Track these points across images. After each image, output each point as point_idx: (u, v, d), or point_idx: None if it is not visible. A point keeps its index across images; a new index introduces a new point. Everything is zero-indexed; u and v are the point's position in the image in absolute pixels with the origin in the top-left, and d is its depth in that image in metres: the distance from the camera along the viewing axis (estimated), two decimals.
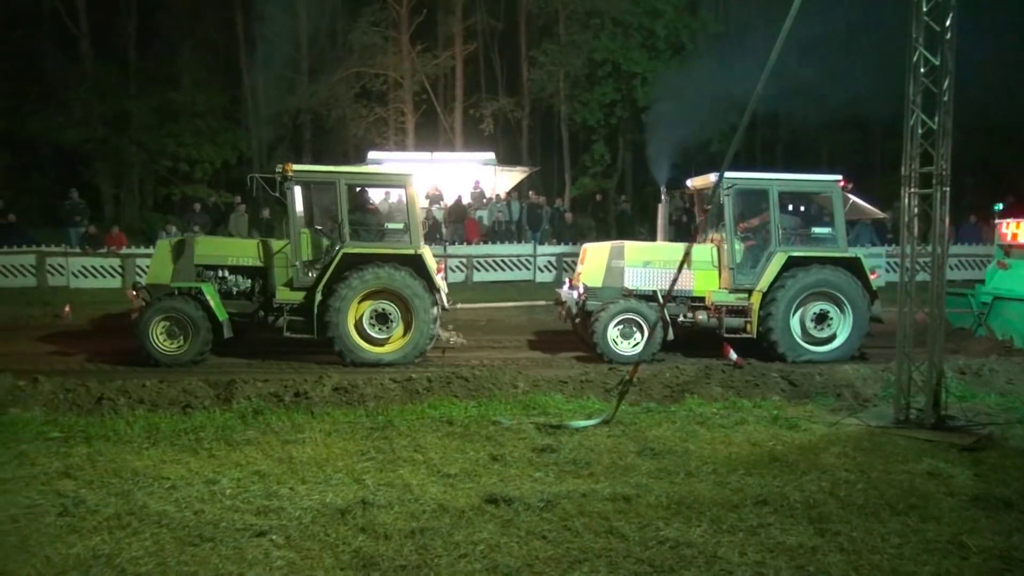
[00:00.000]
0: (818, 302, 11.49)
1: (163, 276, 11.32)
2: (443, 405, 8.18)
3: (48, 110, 25.70)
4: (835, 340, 11.54)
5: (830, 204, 11.89)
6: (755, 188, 11.97)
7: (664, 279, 11.59)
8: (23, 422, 7.40)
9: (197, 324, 10.85)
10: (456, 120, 28.86)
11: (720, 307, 11.67)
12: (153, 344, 10.86)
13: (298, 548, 4.80)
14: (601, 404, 8.37)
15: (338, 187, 11.20)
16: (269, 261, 11.42)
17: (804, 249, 11.65)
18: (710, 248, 12.06)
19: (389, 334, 11.15)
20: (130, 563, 4.56)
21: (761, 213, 12.04)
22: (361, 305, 11.09)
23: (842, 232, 11.79)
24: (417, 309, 11.03)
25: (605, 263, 11.92)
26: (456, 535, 4.99)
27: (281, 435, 7.13)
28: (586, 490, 5.80)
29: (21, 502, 5.46)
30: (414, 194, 11.49)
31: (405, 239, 11.38)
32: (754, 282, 11.56)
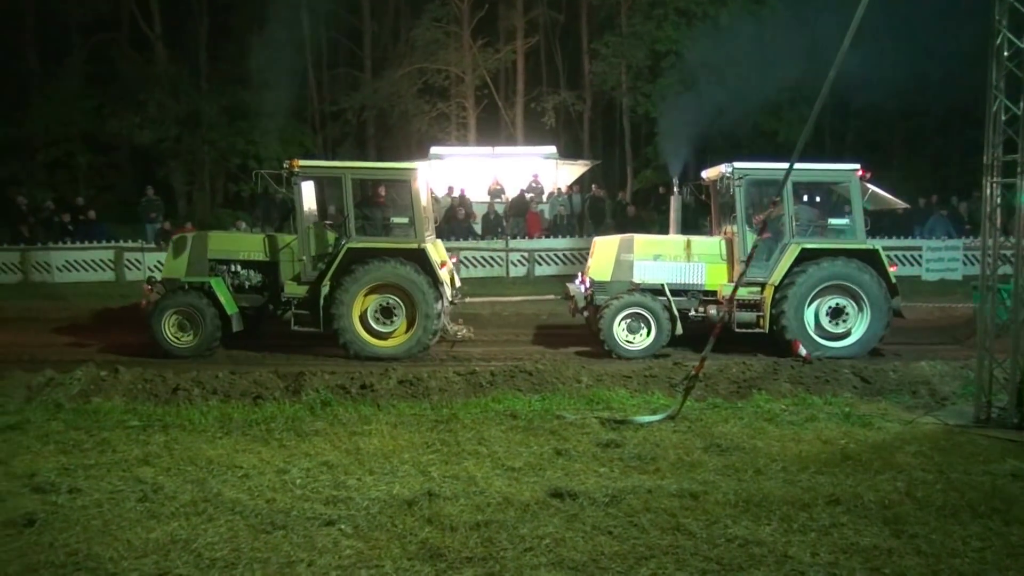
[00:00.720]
0: (834, 296, 11.03)
1: (178, 271, 11.57)
2: (507, 399, 8.21)
3: (126, 111, 26.64)
4: (851, 335, 11.03)
5: (848, 194, 11.37)
6: (769, 179, 11.49)
7: (674, 273, 11.42)
8: (105, 410, 7.71)
9: (206, 318, 11.05)
10: (517, 114, 28.85)
11: (724, 302, 11.26)
12: (164, 336, 11.09)
13: (366, 538, 4.88)
14: (666, 399, 8.27)
15: (344, 182, 11.29)
16: (278, 256, 11.53)
17: (819, 241, 11.21)
18: (718, 241, 11.77)
19: (393, 328, 11.18)
20: (206, 548, 4.70)
21: (777, 204, 11.55)
22: (367, 299, 11.14)
23: (860, 223, 11.21)
24: (420, 303, 11.00)
25: (614, 256, 11.67)
26: (521, 528, 5.00)
27: (348, 426, 7.26)
28: (652, 486, 5.74)
29: (104, 487, 5.69)
30: (418, 189, 11.36)
31: (411, 233, 11.35)
32: (767, 275, 11.17)
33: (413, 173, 11.38)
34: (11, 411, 7.66)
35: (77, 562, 4.51)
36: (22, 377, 8.61)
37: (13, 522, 5.02)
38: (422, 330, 11.03)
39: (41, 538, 4.82)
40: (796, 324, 10.87)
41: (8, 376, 8.66)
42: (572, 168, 25.03)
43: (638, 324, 11.17)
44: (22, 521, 5.03)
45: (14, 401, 7.98)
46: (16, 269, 18.89)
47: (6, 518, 5.09)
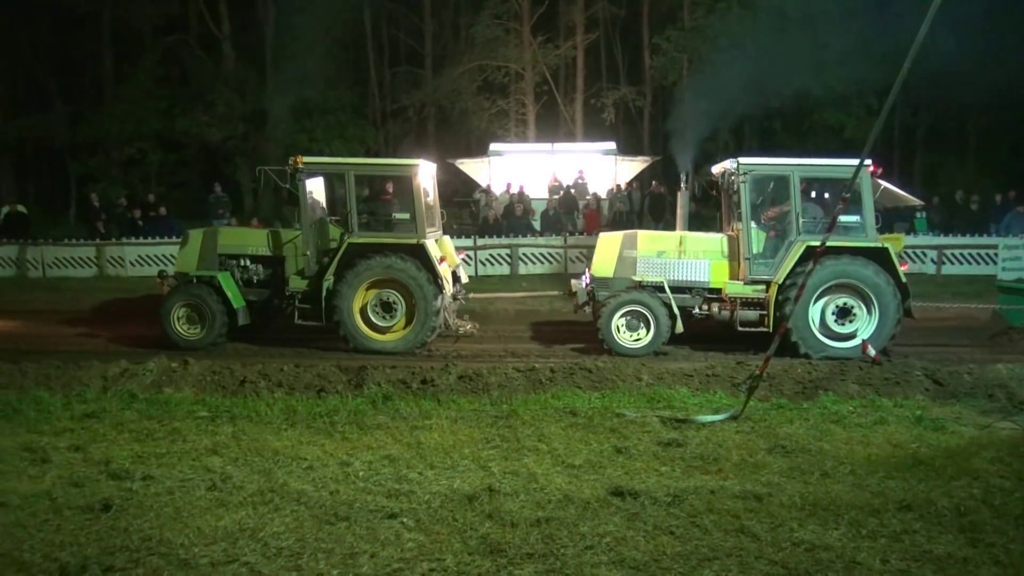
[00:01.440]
0: (841, 295, 10.70)
1: (190, 265, 11.86)
2: (566, 396, 8.18)
3: (195, 110, 27.44)
4: (863, 334, 10.62)
5: (858, 190, 10.74)
6: (774, 174, 11.25)
7: (678, 270, 11.25)
8: (175, 401, 7.95)
9: (213, 311, 11.34)
10: (577, 110, 28.77)
11: (735, 299, 11.07)
12: (173, 328, 11.43)
13: (427, 531, 4.92)
14: (729, 399, 8.13)
15: (347, 178, 11.38)
16: (284, 251, 11.76)
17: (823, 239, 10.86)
18: (720, 238, 11.54)
19: (392, 322, 11.28)
20: (272, 538, 4.80)
21: (785, 201, 11.18)
22: (367, 293, 11.25)
23: (871, 220, 10.79)
24: (419, 299, 11.07)
25: (617, 253, 11.49)
26: (582, 526, 4.98)
27: (409, 421, 7.34)
28: (714, 486, 5.65)
29: (175, 475, 5.87)
30: (419, 184, 11.35)
31: (412, 229, 11.38)
32: (772, 273, 10.87)
33: (414, 169, 11.39)
34: (89, 400, 7.97)
35: (150, 547, 4.65)
36: (99, 368, 8.93)
37: (91, 507, 5.21)
38: (420, 326, 11.13)
39: (117, 523, 4.99)
40: (801, 322, 10.55)
41: (86, 366, 9.00)
42: (632, 164, 24.85)
43: (637, 322, 11.03)
44: (99, 506, 5.21)
45: (91, 390, 8.29)
46: (92, 263, 19.65)
47: (85, 503, 5.29)
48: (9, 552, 4.58)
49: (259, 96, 28.32)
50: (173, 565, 4.44)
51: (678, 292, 11.22)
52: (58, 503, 5.30)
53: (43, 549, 4.62)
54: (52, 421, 7.29)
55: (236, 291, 11.62)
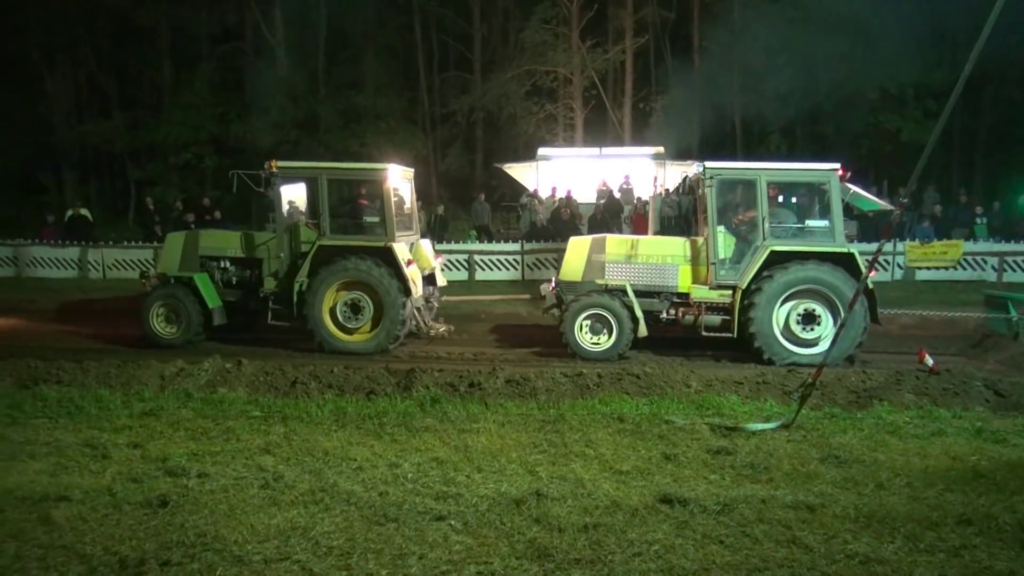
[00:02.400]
0: (807, 300, 10.64)
1: (171, 266, 12.26)
2: (614, 401, 8.14)
3: (249, 116, 28.04)
4: (825, 341, 10.46)
5: (827, 195, 10.78)
6: (741, 179, 11.24)
7: (645, 274, 11.31)
8: (229, 401, 8.13)
9: (189, 311, 11.74)
10: (625, 114, 28.62)
11: (701, 304, 11.07)
12: (152, 327, 11.87)
13: (475, 534, 4.94)
14: (780, 407, 8.00)
15: (319, 182, 11.63)
16: (260, 253, 12.09)
17: (791, 244, 10.76)
18: (683, 242, 11.54)
19: (360, 324, 11.53)
20: (323, 536, 4.87)
21: (754, 206, 11.10)
22: (338, 295, 11.54)
23: (839, 225, 10.69)
24: (386, 301, 11.30)
25: (586, 257, 11.53)
26: (630, 533, 4.95)
27: (457, 424, 7.38)
28: (765, 496, 5.56)
29: (230, 473, 5.99)
30: (389, 189, 11.55)
31: (382, 232, 11.59)
32: (738, 278, 10.84)
33: (383, 173, 11.59)
34: (147, 398, 8.20)
35: (206, 543, 4.75)
36: (157, 367, 9.18)
37: (149, 502, 5.36)
38: (386, 327, 11.38)
39: (174, 519, 5.12)
40: (764, 328, 10.55)
41: (144, 366, 9.26)
42: (681, 168, 24.58)
43: (600, 325, 11.08)
44: (157, 502, 5.35)
45: (149, 389, 8.53)
46: (149, 265, 20.18)
47: (143, 498, 5.43)
48: (72, 544, 4.73)
49: (311, 102, 28.85)
50: (227, 561, 4.53)
51: (646, 296, 11.30)
52: (118, 498, 5.45)
53: (103, 542, 4.76)
54: (112, 418, 7.51)
55: (212, 292, 12.01)
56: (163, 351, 11.22)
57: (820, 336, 10.66)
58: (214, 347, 11.87)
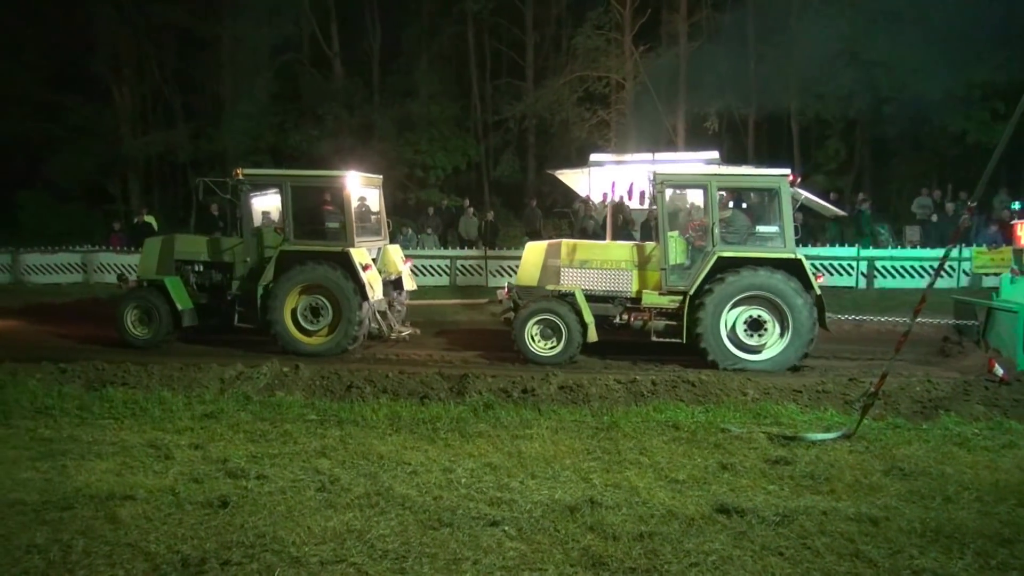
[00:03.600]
0: (755, 307, 10.60)
1: (148, 270, 12.74)
2: (668, 409, 8.04)
3: (306, 125, 28.59)
4: (771, 348, 10.58)
5: (778, 201, 10.75)
6: (691, 184, 11.39)
7: (600, 279, 11.35)
8: (287, 404, 8.26)
9: (160, 313, 12.18)
10: (678, 119, 28.32)
11: (651, 309, 11.10)
12: (125, 329, 12.35)
13: (529, 541, 4.92)
14: (840, 417, 7.80)
15: (283, 189, 12.01)
16: (229, 257, 12.57)
17: (740, 250, 10.76)
18: (630, 247, 11.60)
19: (320, 327, 11.87)
20: (378, 540, 4.91)
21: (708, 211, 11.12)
22: (300, 298, 11.89)
23: (789, 231, 10.69)
24: (344, 304, 11.64)
25: (542, 262, 11.62)
26: (686, 543, 4.87)
27: (510, 429, 7.38)
28: (826, 507, 5.42)
29: (287, 476, 6.09)
30: (349, 195, 11.90)
31: (342, 237, 11.90)
32: (688, 284, 10.84)
33: (342, 180, 11.91)
34: (207, 400, 8.39)
35: (264, 544, 4.83)
36: (217, 370, 9.40)
37: (210, 502, 5.47)
38: (344, 331, 11.72)
39: (233, 519, 5.22)
40: (712, 334, 10.60)
41: (205, 368, 9.49)
42: None
43: (550, 330, 11.17)
44: (217, 502, 5.47)
45: (210, 392, 8.73)
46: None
47: (204, 499, 5.55)
48: (137, 542, 4.85)
49: (366, 110, 29.29)
50: (285, 562, 4.60)
51: (601, 301, 11.37)
52: (180, 498, 5.59)
53: (167, 541, 4.88)
54: (174, 420, 7.72)
55: (183, 294, 12.45)
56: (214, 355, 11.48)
57: (766, 343, 10.68)
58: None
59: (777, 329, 10.64)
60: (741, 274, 10.54)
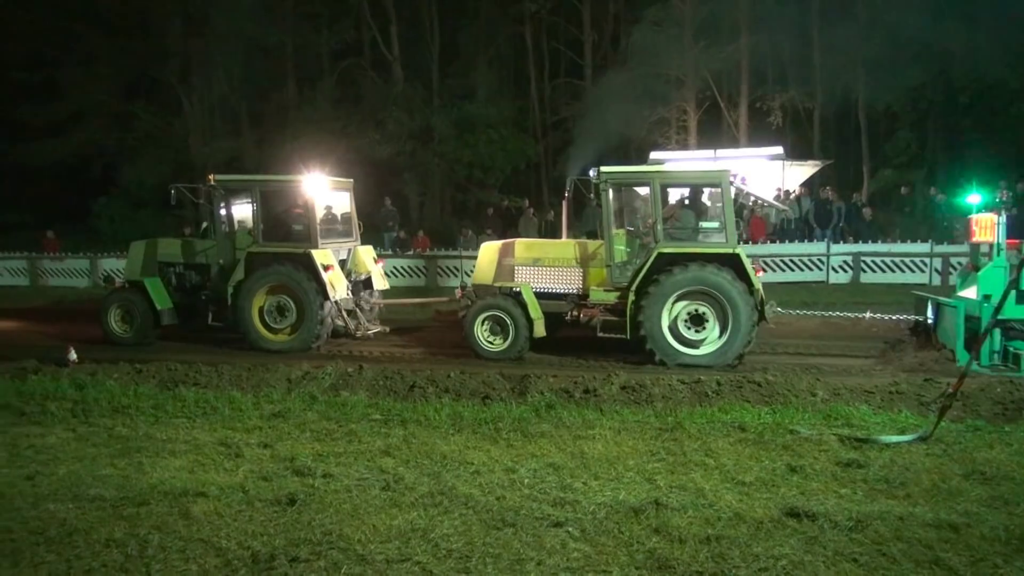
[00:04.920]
0: (695, 302, 10.69)
1: (133, 272, 13.32)
2: (734, 410, 7.88)
3: (367, 129, 29.03)
4: (712, 343, 10.66)
5: (719, 196, 10.83)
6: (635, 181, 11.51)
7: (551, 277, 11.59)
8: (351, 404, 8.37)
9: (140, 312, 12.82)
10: (741, 115, 27.83)
11: (599, 306, 11.25)
12: (109, 327, 13.00)
13: (593, 542, 4.87)
14: (916, 419, 7.52)
15: (254, 193, 12.58)
16: (205, 258, 13.11)
17: (680, 245, 10.84)
18: (573, 244, 11.78)
19: (285, 325, 12.35)
20: (442, 539, 4.93)
21: (666, 207, 11.29)
22: (267, 298, 12.36)
23: (731, 226, 10.65)
24: (306, 304, 12.07)
25: (496, 260, 11.86)
26: (755, 547, 4.75)
27: (572, 430, 7.33)
28: (902, 513, 5.23)
29: (352, 474, 6.17)
30: (311, 198, 12.31)
31: (305, 238, 12.38)
32: (631, 280, 10.95)
33: (306, 184, 12.37)
34: (275, 400, 8.57)
35: (331, 541, 4.90)
36: (284, 371, 9.61)
37: (279, 500, 5.58)
38: (307, 328, 12.17)
39: (301, 516, 5.31)
40: (654, 329, 10.68)
41: (273, 369, 9.71)
42: (801, 169, 23.73)
43: (498, 327, 11.42)
44: (286, 500, 5.57)
45: (277, 391, 8.91)
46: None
47: (273, 496, 5.66)
48: (209, 538, 4.98)
49: (425, 113, 29.58)
50: (351, 560, 4.65)
51: (553, 298, 11.58)
52: (250, 495, 5.71)
53: (237, 537, 4.99)
54: (244, 419, 7.89)
55: (162, 294, 12.99)
56: (274, 357, 11.73)
57: (706, 337, 10.75)
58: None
59: (718, 324, 10.69)
60: (680, 270, 10.65)
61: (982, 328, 9.18)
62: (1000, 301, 8.08)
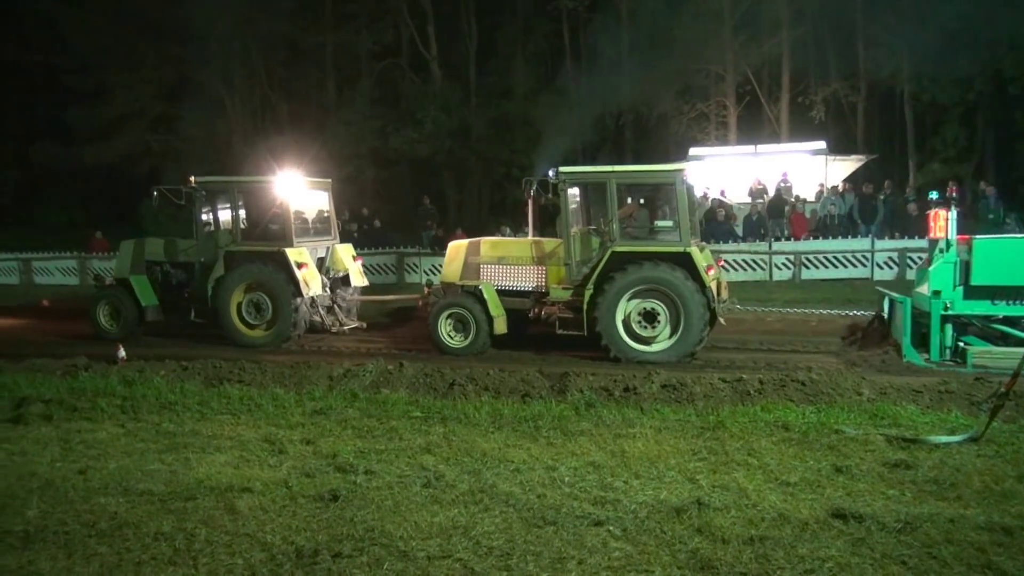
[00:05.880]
0: (649, 300, 10.94)
1: (123, 270, 13.85)
2: (777, 409, 7.76)
3: (406, 128, 29.20)
4: (664, 340, 10.94)
5: (674, 195, 11.01)
6: (591, 181, 11.72)
7: (514, 275, 11.90)
8: (392, 401, 8.44)
9: (126, 308, 13.45)
10: (782, 109, 27.41)
11: (558, 303, 11.54)
12: (98, 323, 13.66)
13: (634, 541, 4.84)
14: (966, 419, 7.33)
15: (231, 193, 13.23)
16: (188, 257, 13.61)
17: (630, 244, 11.16)
18: (529, 243, 12.09)
19: (262, 321, 12.77)
20: (483, 537, 4.93)
21: (623, 207, 11.64)
22: (246, 295, 12.84)
23: (685, 225, 10.86)
24: (281, 300, 12.54)
25: (463, 259, 12.17)
26: (800, 548, 4.68)
27: (613, 428, 7.29)
28: (953, 515, 5.10)
29: (394, 471, 6.21)
30: (287, 199, 12.76)
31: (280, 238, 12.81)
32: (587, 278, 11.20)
33: (281, 184, 12.81)
34: (317, 397, 8.67)
35: (373, 537, 4.94)
36: (326, 368, 9.71)
37: (321, 496, 5.64)
38: (281, 324, 12.63)
39: (343, 512, 5.37)
40: (608, 326, 10.96)
41: (315, 366, 9.83)
42: (844, 164, 23.30)
43: (461, 324, 11.74)
44: (328, 496, 5.63)
45: (319, 389, 9.02)
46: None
47: (315, 492, 5.73)
48: (254, 533, 5.05)
49: (463, 112, 29.68)
50: (394, 556, 4.69)
51: (518, 296, 11.88)
52: (293, 491, 5.78)
53: (282, 532, 5.06)
54: (287, 415, 8.00)
55: (148, 292, 13.55)
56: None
57: (658, 335, 10.99)
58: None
59: (670, 321, 10.91)
60: (634, 269, 10.89)
61: (931, 324, 9.73)
62: None
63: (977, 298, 9.82)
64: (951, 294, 9.89)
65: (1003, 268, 9.61)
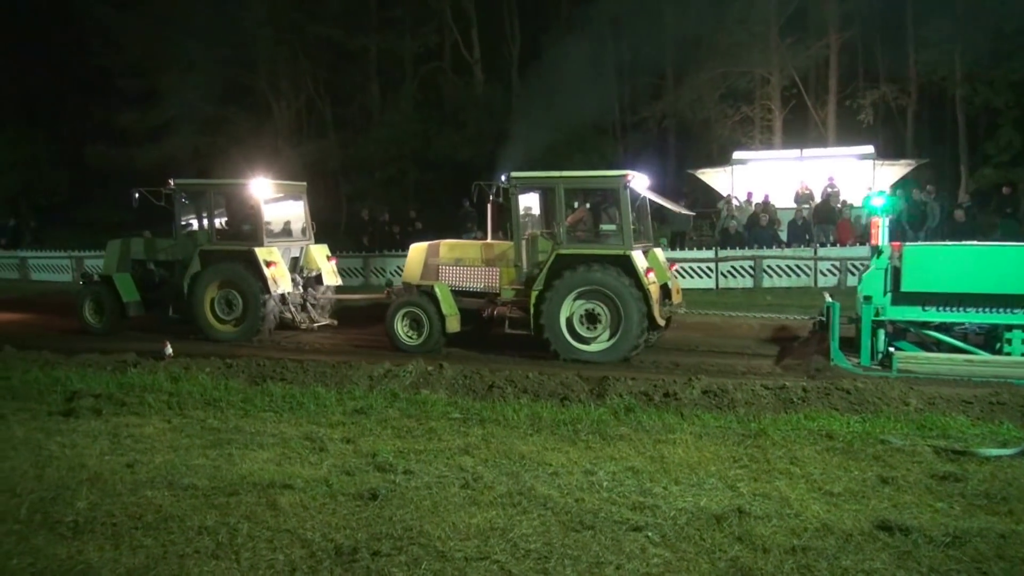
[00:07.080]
0: (592, 301, 11.32)
1: (110, 268, 14.45)
2: (821, 417, 7.63)
3: (448, 131, 29.36)
4: (605, 339, 11.31)
5: (618, 200, 11.34)
6: (540, 186, 12.15)
7: (470, 276, 12.35)
8: (431, 402, 8.48)
9: (109, 304, 14.07)
10: (829, 113, 26.96)
11: (509, 304, 11.98)
12: (84, 318, 14.30)
13: (674, 548, 4.80)
14: (1018, 431, 7.13)
15: (208, 195, 13.73)
16: (160, 256, 14.27)
17: (574, 247, 11.55)
18: (479, 245, 12.55)
19: (233, 317, 13.34)
20: (521, 539, 4.93)
21: (576, 210, 12.23)
22: (218, 292, 13.38)
23: (627, 228, 11.22)
24: (250, 298, 13.10)
25: (423, 260, 12.62)
26: (843, 559, 4.59)
27: (652, 434, 7.23)
28: (1004, 530, 4.96)
29: (432, 472, 6.25)
30: (258, 200, 13.25)
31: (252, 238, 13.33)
32: (536, 280, 11.55)
33: (250, 186, 13.32)
34: (358, 397, 8.76)
35: (411, 537, 4.97)
36: (366, 368, 9.81)
37: (361, 495, 5.70)
38: (251, 320, 13.19)
39: (383, 512, 5.41)
40: (553, 326, 11.35)
41: (355, 366, 9.93)
42: (893, 168, 22.79)
43: (416, 323, 12.21)
44: (368, 495, 5.68)
45: (360, 388, 9.11)
46: (358, 273, 21.68)
47: (355, 491, 5.79)
48: (295, 529, 5.12)
49: (506, 115, 29.72)
50: (431, 556, 4.71)
51: (476, 296, 12.31)
52: (333, 489, 5.85)
53: (321, 529, 5.12)
54: (328, 414, 8.10)
55: (130, 289, 14.14)
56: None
57: (598, 335, 11.36)
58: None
59: (611, 323, 11.25)
60: (582, 270, 11.26)
61: (861, 328, 9.91)
62: None
63: (907, 304, 9.94)
64: (882, 299, 10.02)
65: (932, 275, 9.69)
